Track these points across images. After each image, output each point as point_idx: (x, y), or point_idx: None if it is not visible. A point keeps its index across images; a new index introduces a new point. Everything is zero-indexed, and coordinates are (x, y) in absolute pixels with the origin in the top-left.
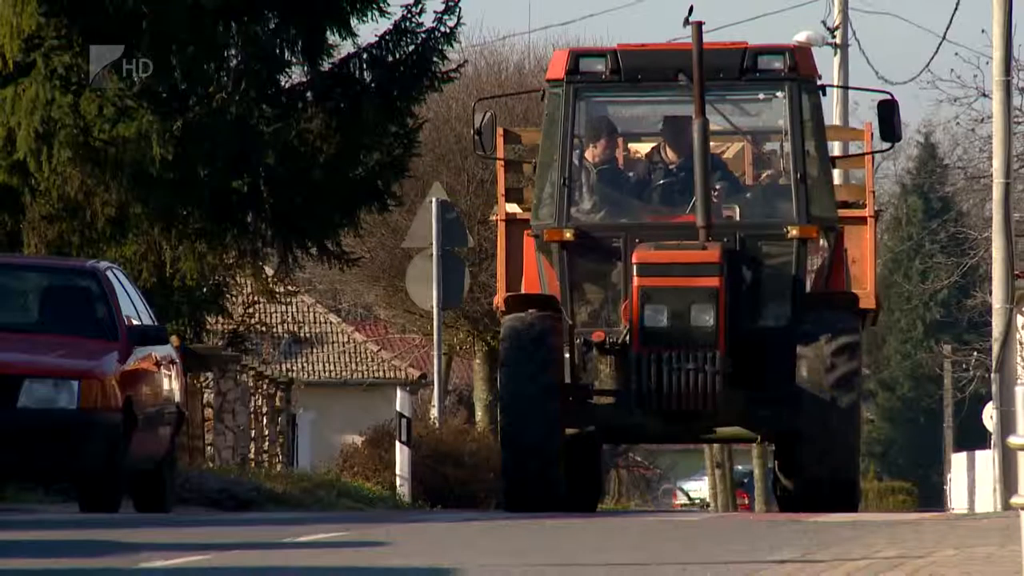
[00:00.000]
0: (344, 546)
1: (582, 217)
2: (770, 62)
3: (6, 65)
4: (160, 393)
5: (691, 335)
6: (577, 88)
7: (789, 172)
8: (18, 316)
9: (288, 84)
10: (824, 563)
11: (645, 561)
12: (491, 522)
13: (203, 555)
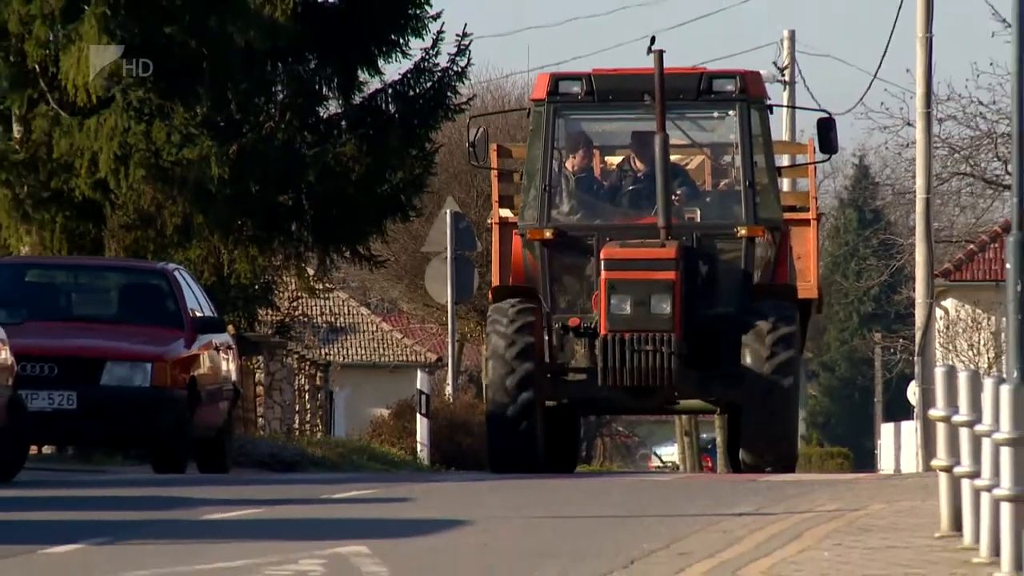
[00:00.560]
0: (373, 501)
1: (561, 219)
2: (723, 85)
3: (90, 99)
4: (219, 373)
5: (651, 321)
6: (557, 107)
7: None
8: (101, 309)
9: (326, 115)
10: (775, 515)
11: (626, 514)
12: (496, 482)
13: (255, 509)
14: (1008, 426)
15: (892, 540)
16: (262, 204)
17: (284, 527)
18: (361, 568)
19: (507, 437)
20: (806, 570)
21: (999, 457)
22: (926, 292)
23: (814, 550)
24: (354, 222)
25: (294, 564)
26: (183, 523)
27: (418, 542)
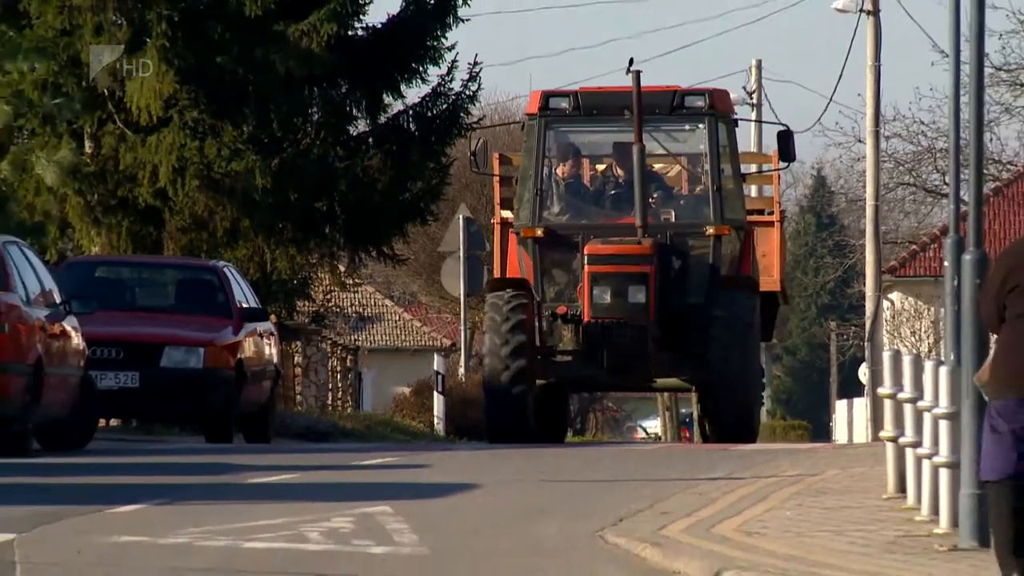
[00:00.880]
0: (396, 468)
1: (551, 219)
2: (694, 101)
3: (151, 119)
4: (262, 356)
5: (629, 309)
6: (547, 120)
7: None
8: (160, 300)
9: (355, 133)
10: (744, 480)
11: (615, 478)
12: (502, 451)
13: (294, 473)
14: (946, 402)
15: (846, 501)
16: (300, 210)
17: (318, 489)
18: (385, 526)
19: (501, 400)
20: (772, 527)
21: (938, 429)
22: (875, 286)
23: (778, 510)
24: (379, 226)
25: (327, 522)
26: (231, 486)
27: (435, 503)
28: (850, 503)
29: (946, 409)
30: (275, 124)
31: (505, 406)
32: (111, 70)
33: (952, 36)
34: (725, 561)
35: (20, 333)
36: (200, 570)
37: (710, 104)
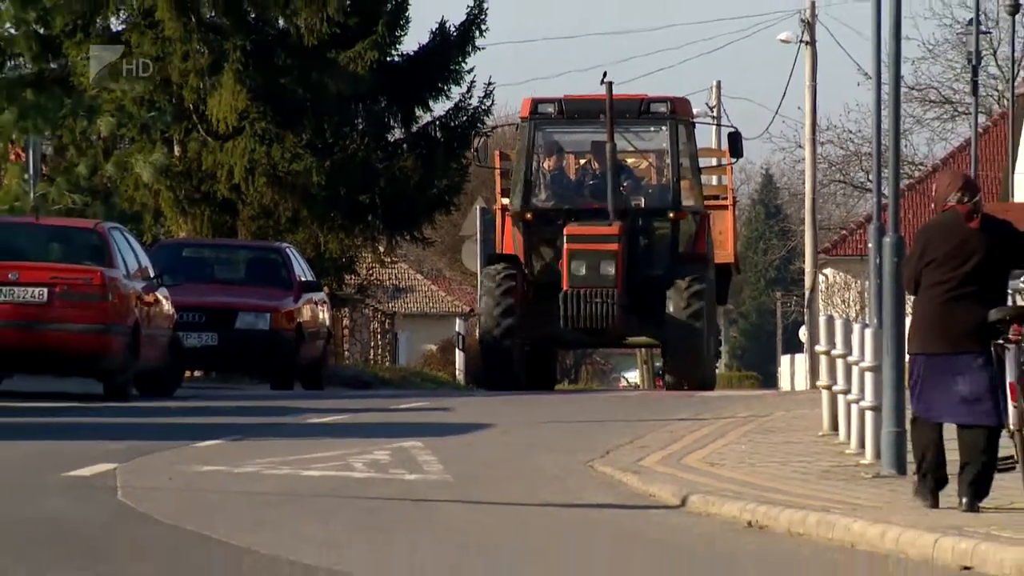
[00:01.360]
0: (426, 410)
1: (538, 204)
2: (658, 107)
3: (228, 128)
4: (317, 320)
5: (600, 280)
6: (536, 122)
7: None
8: (234, 275)
9: (392, 139)
10: (706, 420)
11: (602, 419)
12: (510, 397)
13: (343, 415)
14: (869, 357)
15: (789, 438)
16: (348, 202)
17: (363, 428)
18: (417, 457)
19: (494, 352)
20: (729, 459)
21: (863, 380)
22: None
23: (734, 445)
24: (412, 214)
25: (370, 454)
26: (292, 426)
27: (457, 439)
28: (792, 439)
29: (870, 363)
30: (328, 133)
31: (496, 357)
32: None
33: (874, 62)
34: (692, 486)
35: (121, 301)
36: (267, 494)
37: (671, 110)
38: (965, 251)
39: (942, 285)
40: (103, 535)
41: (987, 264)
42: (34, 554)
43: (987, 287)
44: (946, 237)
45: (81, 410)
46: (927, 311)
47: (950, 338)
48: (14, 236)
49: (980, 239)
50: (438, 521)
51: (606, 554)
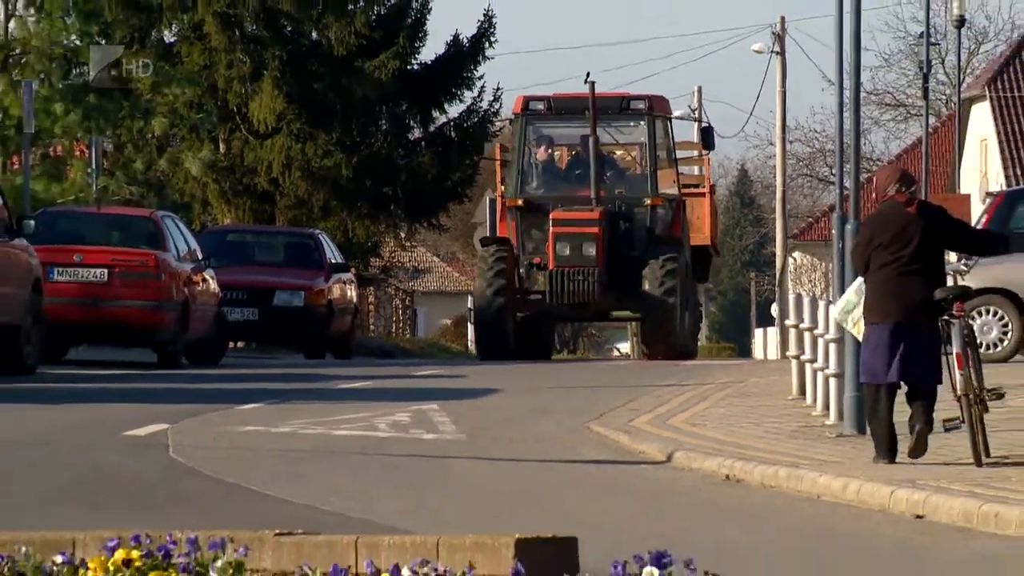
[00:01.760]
0: (441, 377)
1: (530, 192)
2: (636, 104)
3: (267, 128)
4: (346, 297)
5: (582, 260)
6: (527, 118)
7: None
8: (273, 257)
9: (412, 138)
10: (690, 385)
11: (597, 385)
12: (515, 366)
13: (368, 381)
14: (833, 331)
15: (762, 401)
16: (373, 193)
17: (386, 393)
18: (433, 418)
19: (487, 327)
20: (710, 420)
21: (828, 350)
22: (782, 248)
23: (715, 407)
24: (429, 204)
25: (392, 415)
26: (324, 391)
27: (468, 402)
28: (765, 403)
29: (833, 336)
30: (355, 132)
31: (489, 331)
32: (238, 93)
33: (837, 70)
34: (676, 444)
35: (173, 281)
36: (302, 451)
37: (649, 107)
38: (907, 234)
39: (893, 264)
40: (155, 486)
41: (926, 244)
42: (95, 502)
43: (929, 265)
44: (889, 223)
45: (137, 377)
46: (884, 287)
47: (906, 309)
48: (78, 223)
49: (918, 223)
50: (452, 475)
51: (600, 503)
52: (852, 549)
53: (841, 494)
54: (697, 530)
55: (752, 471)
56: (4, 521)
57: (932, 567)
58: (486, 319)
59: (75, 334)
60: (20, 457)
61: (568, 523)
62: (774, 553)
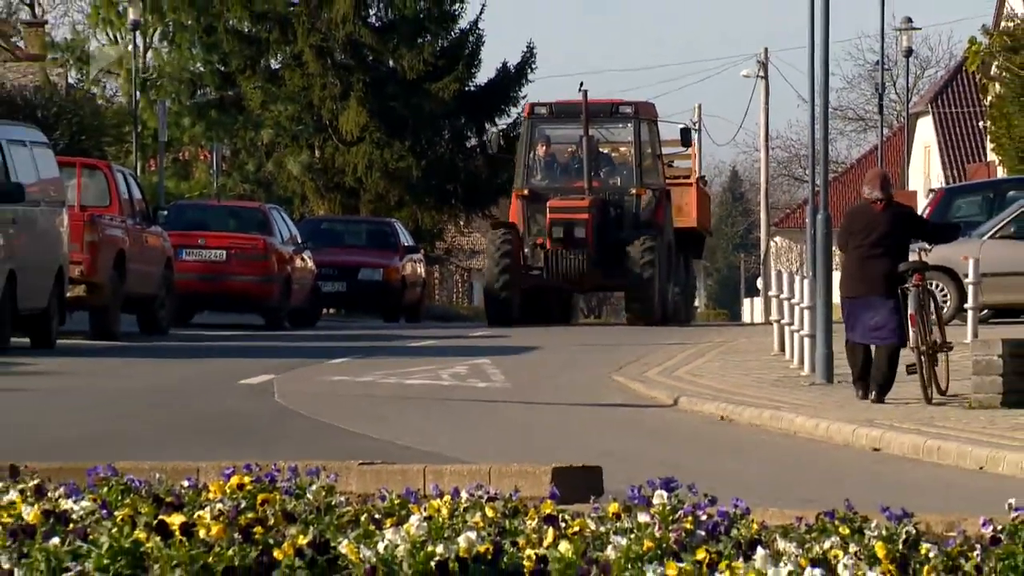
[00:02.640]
0: (492, 337)
1: (534, 183)
2: (625, 109)
3: (353, 137)
4: (416, 274)
5: (574, 242)
6: (533, 120)
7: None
8: (358, 241)
9: (469, 146)
10: (690, 344)
11: (614, 344)
12: (552, 329)
13: (434, 341)
14: (806, 299)
15: (750, 357)
16: (437, 190)
17: (447, 350)
18: (486, 371)
19: (494, 299)
20: (707, 372)
21: (803, 316)
22: (766, 233)
23: (711, 362)
24: (483, 199)
25: (452, 368)
26: (398, 348)
27: (514, 357)
28: (752, 358)
29: (807, 304)
30: (423, 141)
31: (496, 301)
32: (329, 109)
33: (809, 90)
34: (681, 391)
35: (278, 260)
36: (381, 396)
37: (635, 111)
38: (871, 226)
39: (859, 249)
40: (263, 425)
41: (888, 235)
42: (212, 438)
43: (890, 249)
44: (859, 216)
45: (249, 337)
46: (850, 267)
47: (865, 285)
48: (202, 214)
49: (882, 218)
50: (500, 415)
51: (619, 439)
52: (821, 475)
53: (813, 431)
54: (697, 460)
55: (741, 413)
56: (141, 453)
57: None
58: (493, 291)
59: (199, 302)
60: (155, 401)
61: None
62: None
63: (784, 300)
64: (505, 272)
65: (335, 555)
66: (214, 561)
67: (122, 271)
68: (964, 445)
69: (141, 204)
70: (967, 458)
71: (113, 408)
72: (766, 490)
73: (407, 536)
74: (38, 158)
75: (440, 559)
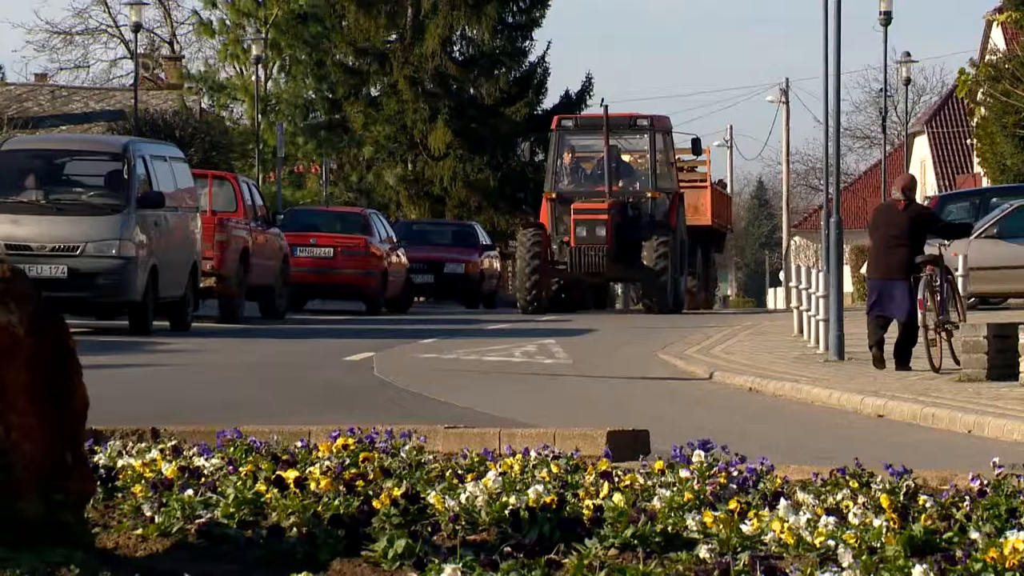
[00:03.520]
0: (556, 321)
1: (561, 187)
2: (642, 122)
3: (440, 153)
4: (492, 268)
5: (595, 239)
6: (560, 132)
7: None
8: (444, 240)
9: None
10: (724, 327)
11: (660, 327)
12: (605, 314)
13: (507, 324)
14: (821, 289)
15: (773, 338)
16: (511, 198)
17: (519, 332)
18: (551, 349)
19: (527, 292)
20: (737, 350)
21: (818, 303)
22: (787, 233)
23: (741, 342)
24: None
25: (523, 347)
26: (477, 330)
27: (574, 338)
28: (775, 339)
29: (822, 293)
30: (499, 156)
31: (527, 292)
32: (420, 130)
33: (824, 113)
34: (715, 366)
35: (376, 256)
36: (463, 370)
37: (651, 124)
38: (893, 221)
39: (883, 240)
40: (363, 395)
41: (907, 229)
42: (321, 405)
43: (908, 242)
44: (885, 213)
45: (352, 321)
46: (875, 253)
47: (886, 270)
48: (313, 217)
49: (903, 215)
50: (563, 387)
51: (663, 406)
52: (833, 437)
53: (827, 400)
54: (729, 425)
55: (767, 385)
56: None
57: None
58: (524, 284)
59: (310, 292)
60: (273, 374)
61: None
62: (781, 439)
63: (803, 290)
64: (535, 268)
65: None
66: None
67: (246, 265)
68: (955, 412)
69: (262, 209)
70: (957, 423)
71: (238, 380)
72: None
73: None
74: (176, 171)
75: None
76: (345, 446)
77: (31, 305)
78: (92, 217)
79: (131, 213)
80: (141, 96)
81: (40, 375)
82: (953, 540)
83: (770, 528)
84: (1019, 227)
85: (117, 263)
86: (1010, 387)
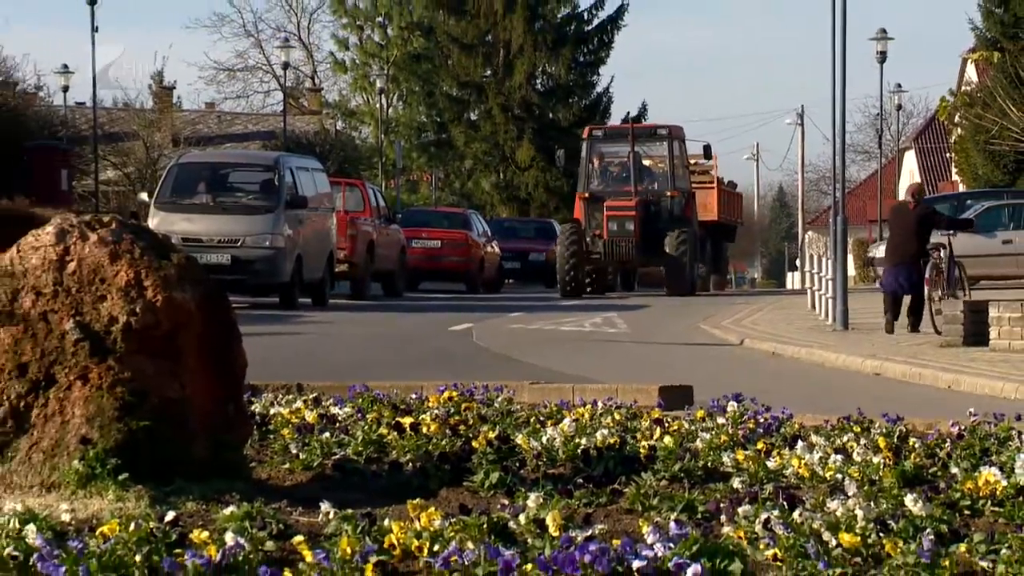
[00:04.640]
0: (618, 299)
1: (592, 188)
2: (661, 131)
3: (525, 165)
4: None
5: (624, 233)
6: (591, 141)
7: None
8: (528, 234)
9: None
10: (748, 304)
11: (699, 305)
12: (654, 295)
13: (577, 301)
14: (829, 273)
15: (791, 312)
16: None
17: (588, 307)
18: (614, 321)
19: (566, 278)
20: (762, 323)
21: (828, 284)
22: (802, 229)
23: (765, 315)
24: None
25: (591, 319)
26: (555, 306)
27: (633, 312)
28: (792, 313)
29: (830, 276)
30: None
31: (565, 279)
32: (509, 143)
33: (832, 132)
34: (745, 335)
35: (475, 247)
36: (544, 338)
37: (669, 132)
38: (905, 219)
39: (897, 234)
40: (465, 357)
41: (915, 226)
42: (431, 365)
43: (917, 235)
44: (898, 212)
45: (456, 299)
46: (891, 245)
47: (899, 257)
48: (425, 216)
49: (912, 214)
50: (623, 351)
51: (703, 367)
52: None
53: (835, 362)
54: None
55: (786, 349)
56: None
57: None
58: (563, 272)
59: (423, 276)
60: (391, 342)
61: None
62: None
63: (815, 274)
64: (573, 257)
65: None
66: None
67: (372, 255)
68: (937, 371)
69: (384, 210)
70: (939, 380)
71: (365, 345)
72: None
73: (561, 432)
74: (316, 179)
75: (583, 448)
76: (450, 398)
77: (202, 286)
78: (250, 216)
79: (281, 213)
80: (289, 120)
81: (208, 342)
82: (937, 474)
83: (790, 464)
84: (990, 223)
85: (270, 252)
86: (982, 351)
